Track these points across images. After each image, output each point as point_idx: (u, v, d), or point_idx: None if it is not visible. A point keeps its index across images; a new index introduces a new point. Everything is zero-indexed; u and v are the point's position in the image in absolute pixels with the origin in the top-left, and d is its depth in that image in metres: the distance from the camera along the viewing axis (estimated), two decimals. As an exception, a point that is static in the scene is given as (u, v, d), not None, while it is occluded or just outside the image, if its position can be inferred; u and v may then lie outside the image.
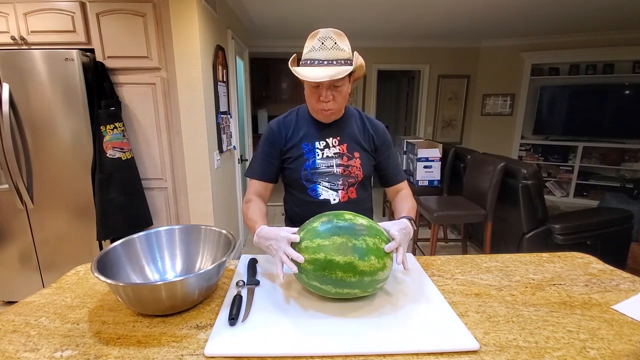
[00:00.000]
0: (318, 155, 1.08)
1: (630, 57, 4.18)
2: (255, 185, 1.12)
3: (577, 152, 4.58)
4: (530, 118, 4.81)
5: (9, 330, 0.72)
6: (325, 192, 1.08)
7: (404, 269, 0.82)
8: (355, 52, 0.99)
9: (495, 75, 4.80)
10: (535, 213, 2.28)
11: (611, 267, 1.00)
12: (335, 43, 0.95)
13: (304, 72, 0.94)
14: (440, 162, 3.10)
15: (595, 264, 1.03)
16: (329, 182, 1.07)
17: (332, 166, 1.07)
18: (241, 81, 3.47)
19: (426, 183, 3.13)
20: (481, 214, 2.40)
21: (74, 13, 1.99)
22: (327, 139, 1.09)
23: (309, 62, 0.96)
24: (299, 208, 1.13)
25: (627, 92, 4.26)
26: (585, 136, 4.54)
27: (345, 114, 1.13)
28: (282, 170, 1.14)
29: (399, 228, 0.85)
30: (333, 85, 0.97)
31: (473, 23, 3.79)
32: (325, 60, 0.94)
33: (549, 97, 4.65)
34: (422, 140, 3.64)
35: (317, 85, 0.98)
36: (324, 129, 1.10)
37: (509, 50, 4.64)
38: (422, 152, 3.07)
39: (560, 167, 4.79)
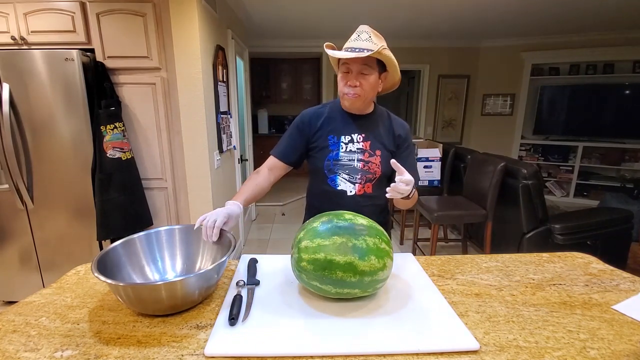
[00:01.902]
0: (342, 148, 1.13)
1: (630, 57, 4.17)
2: (272, 160, 1.20)
3: (577, 152, 4.58)
4: (530, 118, 4.81)
5: (9, 330, 0.72)
6: (344, 184, 1.13)
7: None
8: (386, 46, 1.02)
9: (495, 75, 4.80)
10: (535, 213, 2.28)
11: (611, 267, 1.00)
12: (370, 37, 1.03)
13: (334, 52, 1.04)
14: (440, 162, 3.10)
15: (596, 264, 1.02)
16: (348, 174, 1.13)
17: (353, 160, 1.13)
18: (241, 81, 3.47)
19: (426, 183, 3.13)
20: (481, 214, 2.40)
21: (74, 13, 1.99)
22: (352, 135, 1.14)
23: (343, 49, 1.05)
24: (318, 196, 1.20)
25: (627, 92, 4.26)
26: (585, 136, 4.54)
27: (374, 113, 1.18)
28: (307, 158, 1.20)
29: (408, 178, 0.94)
30: (361, 72, 1.04)
31: (473, 23, 3.79)
32: (357, 48, 1.01)
33: (549, 97, 4.65)
34: (422, 140, 3.64)
35: (348, 71, 1.05)
36: (351, 125, 1.15)
37: (509, 50, 4.64)
38: (422, 152, 3.07)
39: (561, 167, 4.79)
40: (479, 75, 4.90)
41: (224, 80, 2.67)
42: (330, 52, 1.06)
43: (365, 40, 1.02)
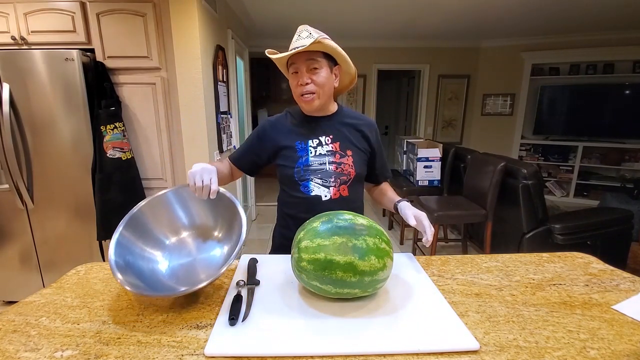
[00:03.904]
0: (311, 152, 1.09)
1: (630, 57, 4.18)
2: (229, 162, 1.21)
3: (577, 152, 4.58)
4: (531, 118, 4.81)
5: (10, 330, 0.72)
6: (317, 189, 1.08)
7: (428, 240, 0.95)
8: (325, 36, 1.01)
9: (495, 75, 4.80)
10: (535, 213, 2.28)
11: (611, 267, 1.00)
12: (310, 34, 1.01)
13: (275, 55, 1.03)
14: (440, 162, 3.10)
15: (596, 264, 1.02)
16: (321, 178, 1.08)
17: (325, 163, 1.09)
18: (241, 81, 3.47)
19: (426, 183, 3.13)
20: (481, 214, 2.40)
21: (74, 13, 1.99)
22: (320, 137, 1.11)
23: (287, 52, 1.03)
24: (291, 205, 1.15)
25: (627, 92, 4.26)
26: (586, 136, 4.54)
27: (338, 113, 1.15)
28: (276, 168, 1.17)
29: (418, 214, 1.01)
30: (310, 68, 1.02)
31: (473, 23, 3.79)
32: (300, 46, 0.99)
33: (549, 97, 4.65)
34: (422, 140, 3.64)
35: (296, 72, 1.03)
36: (316, 128, 1.12)
37: (509, 50, 4.64)
38: (422, 152, 3.07)
39: (561, 167, 4.79)
40: (479, 75, 4.90)
41: (224, 80, 2.67)
42: (272, 56, 1.04)
43: (306, 38, 1.00)
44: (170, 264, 0.92)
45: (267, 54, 1.05)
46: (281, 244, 1.20)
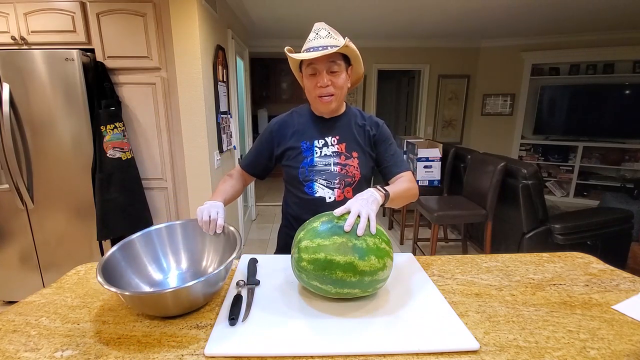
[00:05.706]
0: (316, 153, 1.08)
1: (630, 57, 4.18)
2: (240, 169, 1.21)
3: (577, 152, 4.58)
4: (531, 118, 4.81)
5: (10, 330, 0.72)
6: (321, 190, 1.08)
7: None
8: (347, 38, 1.00)
9: (495, 75, 4.80)
10: (535, 213, 2.28)
11: (611, 267, 1.00)
12: (329, 33, 0.99)
13: (297, 55, 0.99)
14: (440, 162, 3.10)
15: (596, 264, 1.02)
16: (325, 180, 1.08)
17: (330, 164, 1.08)
18: (241, 81, 3.47)
19: (426, 183, 3.13)
20: (481, 214, 2.40)
21: (74, 13, 1.99)
22: (326, 138, 1.10)
23: (304, 51, 1.01)
24: (295, 205, 1.14)
25: (627, 92, 4.26)
26: (586, 136, 4.55)
27: (346, 113, 1.14)
28: (282, 168, 1.16)
29: (356, 197, 0.86)
30: (330, 70, 1.00)
31: (473, 23, 3.79)
32: (320, 46, 0.97)
33: (549, 97, 4.65)
34: (422, 140, 3.64)
35: (315, 73, 1.01)
36: (323, 128, 1.11)
37: (509, 50, 4.64)
38: (422, 152, 3.07)
39: (561, 167, 4.79)
40: (479, 75, 4.90)
41: (224, 80, 2.67)
42: (293, 55, 1.00)
43: (326, 37, 0.98)
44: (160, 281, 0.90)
45: (286, 52, 1.02)
46: (286, 244, 1.20)
